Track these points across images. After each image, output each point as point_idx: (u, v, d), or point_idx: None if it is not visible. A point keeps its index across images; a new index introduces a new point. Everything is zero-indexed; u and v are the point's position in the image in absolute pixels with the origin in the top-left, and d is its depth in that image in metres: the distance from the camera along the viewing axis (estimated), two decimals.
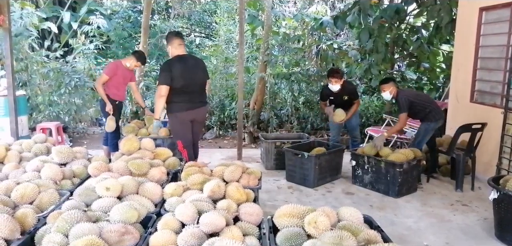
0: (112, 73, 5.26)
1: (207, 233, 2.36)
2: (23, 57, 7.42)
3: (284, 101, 8.63)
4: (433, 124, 4.86)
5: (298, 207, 2.53)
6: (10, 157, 3.73)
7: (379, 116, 8.24)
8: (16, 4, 7.65)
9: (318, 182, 4.91)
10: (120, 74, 5.33)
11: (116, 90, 5.35)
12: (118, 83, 5.34)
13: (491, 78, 5.28)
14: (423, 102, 4.91)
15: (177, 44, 4.32)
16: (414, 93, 6.00)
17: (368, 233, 2.26)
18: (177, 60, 4.24)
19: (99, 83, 5.28)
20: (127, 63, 5.38)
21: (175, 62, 4.23)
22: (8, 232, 2.28)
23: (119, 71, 5.31)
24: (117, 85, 5.34)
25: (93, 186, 2.91)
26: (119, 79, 5.34)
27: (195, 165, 3.53)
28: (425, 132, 4.90)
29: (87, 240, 2.11)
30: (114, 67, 5.33)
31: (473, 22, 5.47)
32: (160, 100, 4.22)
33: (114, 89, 5.32)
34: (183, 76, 4.21)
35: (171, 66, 4.20)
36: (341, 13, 7.74)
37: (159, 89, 4.19)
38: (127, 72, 5.44)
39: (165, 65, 4.31)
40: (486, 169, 5.05)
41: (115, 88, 5.33)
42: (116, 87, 5.34)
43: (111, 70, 5.28)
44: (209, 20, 12.48)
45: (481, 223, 3.91)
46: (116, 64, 5.41)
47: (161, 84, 4.16)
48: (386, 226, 3.12)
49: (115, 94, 5.35)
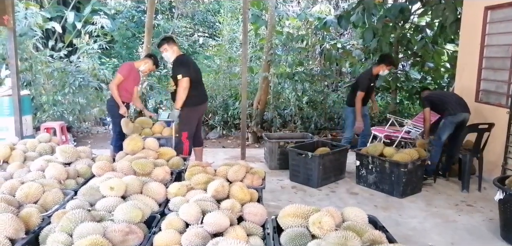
0: (127, 75, 5.19)
1: (211, 233, 2.35)
2: (27, 57, 7.45)
3: (287, 101, 8.62)
4: (450, 117, 4.91)
5: (303, 207, 2.51)
6: (14, 156, 3.73)
7: (383, 116, 8.21)
8: (21, 4, 7.68)
9: (322, 182, 4.90)
10: (133, 76, 5.28)
11: (128, 93, 5.29)
12: (129, 85, 5.28)
13: (497, 78, 5.25)
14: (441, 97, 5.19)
15: (177, 47, 4.78)
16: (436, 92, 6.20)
17: (373, 233, 2.24)
18: (187, 56, 4.49)
19: (115, 85, 5.16)
20: (141, 67, 5.32)
21: (187, 57, 4.66)
22: (13, 231, 2.29)
23: (132, 73, 5.26)
24: (128, 88, 5.27)
25: (97, 185, 2.91)
26: (131, 82, 5.29)
27: (198, 165, 3.52)
28: (443, 125, 5.00)
29: (91, 239, 2.11)
30: (129, 68, 5.26)
31: (478, 21, 5.44)
32: (185, 92, 4.54)
33: (125, 91, 5.24)
34: (196, 71, 4.71)
35: (187, 61, 4.72)
36: (345, 12, 7.72)
37: (184, 81, 4.51)
38: (137, 75, 5.39)
39: (181, 59, 4.71)
40: (491, 169, 5.01)
41: (126, 91, 5.25)
42: (128, 90, 5.28)
43: (127, 71, 5.20)
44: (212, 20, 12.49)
45: (486, 224, 3.89)
46: (130, 65, 5.33)
47: (185, 77, 4.51)
48: (390, 227, 3.10)
49: (127, 97, 5.30)
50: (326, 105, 8.51)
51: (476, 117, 5.13)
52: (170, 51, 4.72)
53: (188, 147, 4.70)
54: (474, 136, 4.78)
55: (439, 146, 4.95)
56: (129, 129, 5.04)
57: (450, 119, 4.90)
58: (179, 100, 4.58)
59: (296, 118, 8.20)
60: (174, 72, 4.69)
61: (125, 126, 5.06)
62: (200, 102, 4.81)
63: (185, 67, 4.64)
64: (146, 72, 5.47)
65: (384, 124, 7.29)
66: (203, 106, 4.93)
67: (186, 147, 4.70)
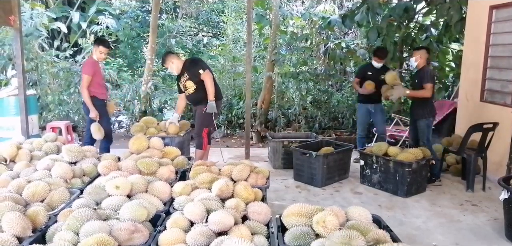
0: (92, 71, 4.94)
1: (216, 232, 2.36)
2: (33, 57, 7.50)
3: (291, 100, 8.61)
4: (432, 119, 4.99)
5: (307, 206, 2.52)
6: (21, 156, 3.77)
7: (388, 115, 8.19)
8: (27, 4, 7.73)
9: (326, 182, 4.90)
10: (97, 70, 5.05)
11: (102, 88, 5.10)
12: (100, 79, 5.08)
13: (502, 77, 5.22)
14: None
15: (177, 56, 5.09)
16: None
17: (377, 233, 2.25)
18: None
19: (85, 87, 4.90)
20: (94, 56, 5.02)
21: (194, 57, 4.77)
22: (20, 230, 2.32)
23: (95, 67, 4.99)
24: (101, 82, 5.08)
25: (103, 184, 2.93)
26: (98, 75, 5.06)
27: (203, 164, 3.54)
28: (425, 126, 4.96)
29: (97, 238, 2.14)
30: (90, 64, 4.99)
31: (483, 20, 5.41)
32: (213, 83, 4.72)
33: (99, 87, 5.04)
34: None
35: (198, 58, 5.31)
36: (349, 11, 7.71)
37: (207, 74, 4.70)
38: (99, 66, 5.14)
39: (192, 59, 5.16)
40: (496, 169, 4.99)
41: (99, 86, 5.04)
42: (101, 84, 5.08)
43: (90, 68, 4.93)
44: (216, 20, 12.50)
45: (491, 224, 3.88)
46: (89, 61, 5.07)
47: (206, 69, 4.72)
48: (394, 226, 3.11)
49: (102, 93, 5.10)
50: (330, 104, 8.49)
51: (481, 117, 5.11)
52: (176, 61, 4.85)
53: (207, 143, 4.91)
54: (478, 135, 4.76)
55: (431, 147, 4.94)
56: (100, 134, 4.94)
57: (432, 120, 5.01)
58: (211, 92, 4.69)
59: (300, 118, 8.20)
60: (191, 72, 4.78)
61: (95, 131, 4.91)
62: (219, 98, 4.99)
63: (201, 62, 4.91)
64: (103, 59, 5.11)
65: (388, 123, 7.27)
66: (220, 102, 5.08)
67: (206, 143, 4.88)
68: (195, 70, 4.73)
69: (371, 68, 5.69)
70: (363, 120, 5.88)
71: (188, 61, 4.97)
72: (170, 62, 4.84)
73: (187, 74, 4.81)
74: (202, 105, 4.77)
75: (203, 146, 4.89)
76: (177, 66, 4.83)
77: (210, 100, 4.69)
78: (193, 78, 4.77)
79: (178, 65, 4.83)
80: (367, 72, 5.71)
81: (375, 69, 5.62)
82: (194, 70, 4.75)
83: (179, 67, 4.84)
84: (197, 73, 4.71)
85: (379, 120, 5.80)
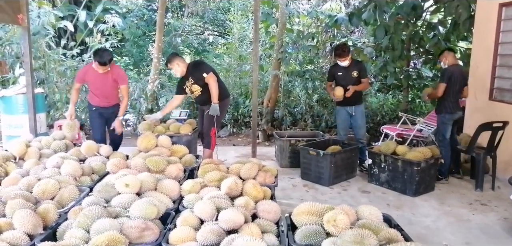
0: (81, 78, 4.92)
1: (226, 230, 2.36)
2: (40, 56, 7.54)
3: (298, 99, 8.59)
4: (449, 115, 4.89)
5: (317, 205, 2.51)
6: (30, 154, 3.79)
7: (395, 114, 8.15)
8: (34, 3, 7.77)
9: (334, 181, 4.88)
10: (90, 79, 4.88)
11: (96, 97, 4.95)
12: (93, 88, 4.95)
13: (511, 76, 5.17)
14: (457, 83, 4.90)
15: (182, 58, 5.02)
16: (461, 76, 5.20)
17: (389, 232, 2.24)
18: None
19: (72, 91, 5.07)
20: (93, 65, 4.80)
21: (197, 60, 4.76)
22: (31, 227, 2.33)
23: (87, 76, 4.88)
24: (94, 91, 4.95)
25: (113, 182, 2.94)
26: (92, 85, 4.95)
27: (211, 162, 3.54)
28: (441, 123, 4.94)
29: (108, 235, 2.14)
30: (83, 71, 4.96)
31: (492, 18, 5.36)
32: (217, 86, 4.71)
33: (92, 95, 4.99)
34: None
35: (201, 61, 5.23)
36: (356, 10, 7.66)
37: (211, 76, 4.69)
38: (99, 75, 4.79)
39: (195, 62, 5.29)
40: (505, 168, 4.95)
41: (93, 95, 4.97)
42: (95, 93, 4.95)
43: (82, 74, 4.93)
44: (222, 18, 12.50)
45: (501, 223, 3.84)
46: (85, 68, 5.03)
47: (210, 72, 4.72)
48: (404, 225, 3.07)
49: (96, 101, 4.97)
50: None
51: (490, 116, 5.06)
52: (182, 65, 4.82)
53: (215, 143, 4.98)
54: (488, 134, 4.72)
55: (446, 145, 4.91)
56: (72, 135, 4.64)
57: (448, 117, 4.91)
58: (215, 95, 4.70)
59: (307, 116, 8.18)
60: (196, 76, 4.77)
61: (68, 129, 4.62)
62: (226, 96, 5.04)
63: (203, 65, 4.98)
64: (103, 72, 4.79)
65: (395, 122, 7.23)
66: (227, 100, 5.12)
67: (214, 142, 4.95)
68: (199, 75, 4.74)
69: (340, 68, 5.27)
70: (345, 126, 5.50)
71: (191, 65, 4.93)
72: (176, 64, 4.81)
73: (192, 78, 4.80)
74: (209, 105, 4.77)
75: (211, 146, 4.92)
76: (182, 70, 4.82)
77: (214, 103, 4.69)
78: (198, 82, 4.78)
79: (183, 68, 4.82)
80: (337, 73, 5.32)
81: (344, 68, 5.23)
82: (198, 74, 4.75)
83: (184, 71, 4.82)
84: (201, 77, 4.72)
85: (358, 125, 5.38)
